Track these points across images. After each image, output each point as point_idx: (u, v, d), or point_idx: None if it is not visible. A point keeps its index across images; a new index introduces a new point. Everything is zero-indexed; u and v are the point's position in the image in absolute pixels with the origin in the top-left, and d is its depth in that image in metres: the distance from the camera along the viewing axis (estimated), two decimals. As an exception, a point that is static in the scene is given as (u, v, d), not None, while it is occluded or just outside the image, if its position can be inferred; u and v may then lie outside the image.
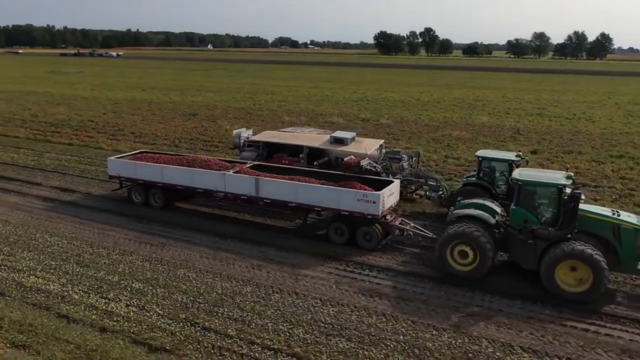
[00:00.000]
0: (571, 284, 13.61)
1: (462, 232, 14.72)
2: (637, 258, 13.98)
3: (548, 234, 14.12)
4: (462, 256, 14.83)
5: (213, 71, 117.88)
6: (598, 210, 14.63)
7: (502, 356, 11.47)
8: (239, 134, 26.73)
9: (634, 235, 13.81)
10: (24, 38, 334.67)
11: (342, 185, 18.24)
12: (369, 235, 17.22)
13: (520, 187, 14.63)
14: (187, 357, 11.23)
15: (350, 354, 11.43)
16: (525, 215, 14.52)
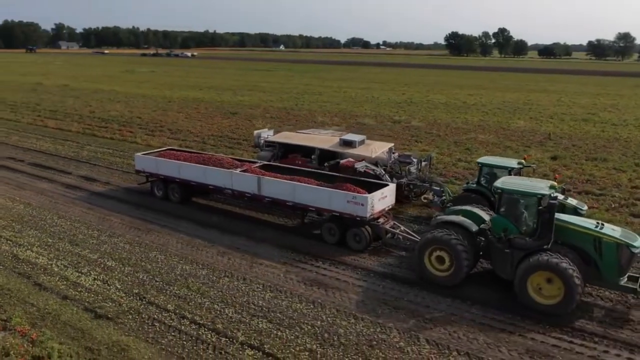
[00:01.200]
0: (543, 296, 13.40)
1: (438, 237, 14.84)
2: (619, 273, 13.53)
3: (524, 244, 13.98)
4: (439, 262, 14.92)
5: (275, 71, 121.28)
6: (580, 221, 14.25)
7: (404, 345, 12.19)
8: (259, 134, 27.68)
9: (616, 249, 13.34)
10: (111, 39, 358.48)
11: (335, 186, 18.74)
12: (358, 236, 17.63)
13: (501, 196, 14.64)
14: (124, 324, 12.86)
15: (265, 333, 12.60)
16: (505, 224, 14.38)
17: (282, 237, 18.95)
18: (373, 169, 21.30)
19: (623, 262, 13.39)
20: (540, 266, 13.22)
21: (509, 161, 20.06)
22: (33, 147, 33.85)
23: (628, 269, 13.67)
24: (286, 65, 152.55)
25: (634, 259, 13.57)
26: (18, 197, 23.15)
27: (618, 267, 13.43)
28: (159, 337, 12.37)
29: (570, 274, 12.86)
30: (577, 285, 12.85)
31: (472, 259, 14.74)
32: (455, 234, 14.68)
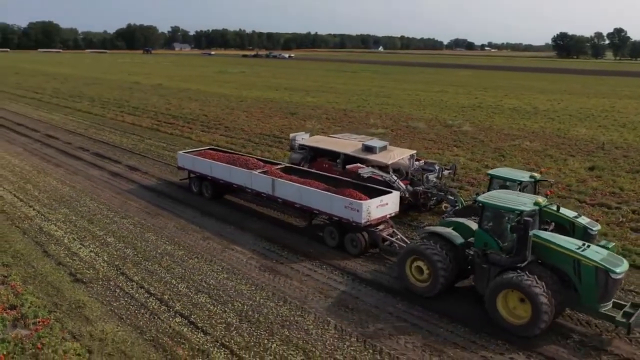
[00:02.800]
0: (513, 315, 13.13)
1: (417, 248, 14.98)
2: (599, 299, 12.75)
3: (500, 260, 13.72)
4: (419, 272, 15.02)
5: (359, 73, 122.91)
6: (562, 241, 13.51)
7: (311, 328, 13.47)
8: (294, 137, 28.09)
9: (594, 273, 12.61)
10: (219, 41, 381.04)
11: (337, 191, 19.20)
12: (354, 241, 18.04)
13: (482, 210, 14.37)
14: (92, 288, 15.41)
15: (199, 306, 14.50)
16: (486, 238, 14.13)
17: (266, 229, 20.74)
18: (382, 175, 21.31)
19: (602, 288, 12.59)
20: (508, 284, 12.91)
21: (521, 174, 18.95)
22: (103, 139, 38.60)
23: (610, 295, 12.87)
24: (375, 67, 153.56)
25: (614, 285, 12.70)
26: (69, 180, 27.11)
27: (597, 292, 12.68)
28: (114, 300, 14.73)
29: (537, 295, 12.36)
30: (544, 307, 12.34)
31: (451, 272, 14.56)
32: (433, 246, 14.63)
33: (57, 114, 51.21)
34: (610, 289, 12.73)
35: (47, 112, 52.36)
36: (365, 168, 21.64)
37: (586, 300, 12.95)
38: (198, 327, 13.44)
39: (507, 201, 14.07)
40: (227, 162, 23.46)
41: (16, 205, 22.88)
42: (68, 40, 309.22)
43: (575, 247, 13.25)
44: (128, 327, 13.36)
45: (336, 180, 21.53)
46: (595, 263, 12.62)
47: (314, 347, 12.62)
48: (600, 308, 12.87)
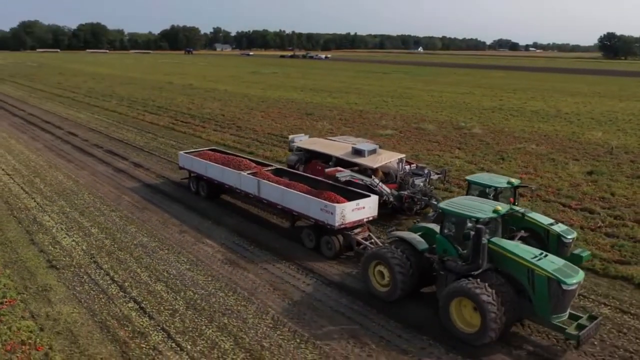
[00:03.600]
0: (465, 323, 13.06)
1: (378, 253, 15.14)
2: (551, 310, 12.60)
3: (455, 267, 13.75)
4: (381, 277, 15.12)
5: (390, 74, 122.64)
6: (518, 249, 13.33)
7: (250, 317, 14.28)
8: (293, 139, 28.62)
9: (547, 283, 12.45)
10: (260, 41, 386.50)
11: (315, 194, 19.45)
12: (329, 244, 18.21)
13: (443, 216, 14.37)
14: (63, 274, 16.71)
15: (154, 294, 15.54)
16: (446, 245, 14.12)
17: (242, 224, 21.68)
18: (362, 178, 21.43)
19: (554, 298, 12.44)
20: (458, 292, 12.89)
21: (499, 179, 18.59)
22: (119, 137, 40.57)
23: (563, 306, 12.66)
24: (409, 68, 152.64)
25: (567, 296, 12.46)
26: (74, 175, 28.88)
27: (550, 303, 12.53)
28: (78, 285, 15.97)
29: (486, 304, 12.26)
30: (492, 316, 12.22)
31: (412, 277, 14.58)
32: (394, 251, 14.70)
33: (85, 112, 53.90)
34: (563, 300, 12.52)
35: (76, 110, 55.16)
36: (345, 171, 21.75)
37: (539, 310, 12.78)
38: (146, 312, 14.47)
39: (466, 208, 13.93)
40: (222, 163, 23.97)
41: (20, 197, 24.68)
42: (115, 41, 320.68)
43: (530, 256, 13.02)
44: (83, 310, 14.53)
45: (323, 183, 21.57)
46: (548, 273, 12.41)
47: (246, 335, 13.42)
48: (552, 319, 12.69)
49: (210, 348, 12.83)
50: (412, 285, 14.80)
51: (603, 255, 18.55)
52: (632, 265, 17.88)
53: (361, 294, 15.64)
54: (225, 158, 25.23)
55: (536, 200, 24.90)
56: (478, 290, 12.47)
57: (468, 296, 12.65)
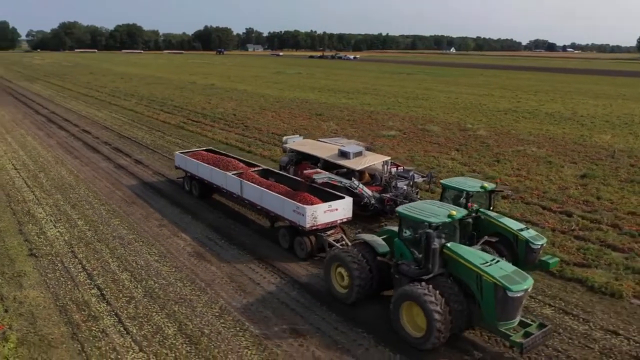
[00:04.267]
0: (414, 328, 13.10)
1: (337, 254, 15.26)
2: (497, 316, 12.55)
3: (408, 271, 13.84)
4: (341, 278, 15.24)
5: (414, 75, 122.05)
6: (471, 255, 13.29)
7: (200, 307, 15.10)
8: (287, 140, 28.77)
9: (493, 290, 12.41)
10: (291, 42, 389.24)
11: (290, 195, 19.66)
12: (301, 245, 18.46)
13: (400, 220, 14.45)
14: (40, 262, 17.90)
15: (117, 282, 16.55)
16: (402, 249, 14.23)
17: (218, 220, 22.57)
18: (340, 180, 21.27)
19: (500, 305, 12.40)
20: (405, 296, 13.01)
21: (473, 183, 18.37)
22: (129, 135, 42.19)
23: (510, 313, 12.55)
24: (435, 69, 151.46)
25: (512, 303, 12.37)
26: (77, 171, 30.40)
27: (496, 310, 12.48)
28: (51, 272, 17.13)
29: (430, 309, 12.32)
30: (436, 323, 12.29)
31: (371, 280, 14.67)
32: (353, 254, 14.86)
33: (104, 111, 56.02)
34: (509, 307, 12.43)
35: (96, 109, 57.37)
36: (323, 173, 21.70)
37: (486, 317, 12.76)
38: (105, 298, 15.48)
39: (421, 212, 13.94)
40: (212, 164, 24.46)
41: (21, 190, 26.24)
42: (149, 42, 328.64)
43: (480, 262, 12.96)
44: (49, 294, 15.64)
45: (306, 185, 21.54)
46: (494, 279, 12.37)
47: (190, 322, 14.25)
48: (499, 325, 12.62)
49: (154, 333, 13.70)
50: (371, 289, 14.81)
51: (565, 257, 18.63)
52: (591, 268, 17.93)
53: (312, 289, 16.27)
54: (216, 158, 25.66)
55: (517, 203, 24.95)
56: (425, 295, 12.50)
57: (415, 301, 12.73)
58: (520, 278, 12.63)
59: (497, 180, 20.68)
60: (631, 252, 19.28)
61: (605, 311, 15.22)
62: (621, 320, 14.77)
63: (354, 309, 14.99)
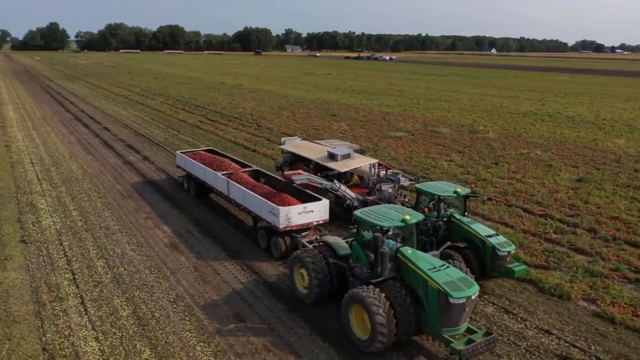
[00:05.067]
0: (363, 330, 13.17)
1: (299, 255, 15.47)
2: (441, 322, 12.57)
3: (360, 274, 14.00)
4: (302, 279, 15.47)
5: (446, 76, 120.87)
6: (420, 259, 13.36)
7: (161, 297, 16.23)
8: (284, 141, 29.40)
9: (437, 295, 12.46)
10: (329, 42, 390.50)
11: (268, 196, 20.10)
12: (276, 245, 18.82)
13: (357, 223, 14.61)
14: (28, 248, 19.45)
15: (92, 269, 17.86)
16: (358, 252, 14.37)
17: (204, 214, 23.73)
18: (320, 182, 21.50)
19: (443, 311, 12.44)
20: (352, 299, 13.17)
21: (447, 188, 18.14)
22: (145, 132, 44.14)
23: (454, 320, 12.54)
24: (469, 70, 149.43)
25: (454, 310, 12.36)
26: (87, 165, 32.30)
27: (439, 315, 12.53)
28: (34, 257, 18.63)
29: (374, 312, 12.42)
30: (379, 327, 12.41)
31: (330, 281, 14.87)
32: (313, 255, 15.12)
33: (129, 110, 58.50)
34: (453, 314, 12.42)
35: (122, 108, 59.96)
36: (303, 175, 21.66)
37: (431, 322, 12.79)
38: (75, 282, 16.81)
39: (376, 216, 14.08)
40: (207, 164, 25.05)
41: (31, 183, 28.19)
42: (191, 42, 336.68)
43: (428, 267, 13.00)
44: (27, 277, 17.11)
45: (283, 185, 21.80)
46: (438, 285, 12.44)
47: (145, 306, 15.38)
48: (443, 332, 12.63)
49: (110, 314, 14.89)
50: (330, 290, 14.97)
51: (528, 259, 18.81)
52: (548, 270, 18.08)
53: (270, 282, 17.15)
54: (212, 158, 26.24)
55: (499, 205, 25.09)
56: (369, 298, 12.62)
57: (360, 303, 12.86)
58: (465, 285, 12.60)
59: (471, 186, 20.91)
60: (597, 255, 19.26)
61: (548, 312, 15.45)
62: (560, 320, 14.98)
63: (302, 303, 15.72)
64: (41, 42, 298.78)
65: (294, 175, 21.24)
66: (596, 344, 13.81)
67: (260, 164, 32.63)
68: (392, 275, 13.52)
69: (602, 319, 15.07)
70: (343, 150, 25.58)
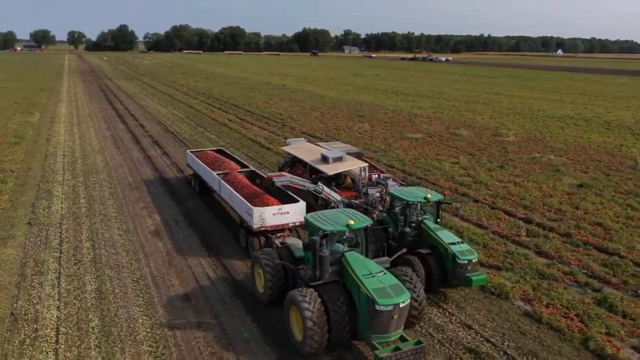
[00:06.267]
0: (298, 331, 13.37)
1: (256, 256, 15.91)
2: (370, 328, 12.72)
3: (304, 276, 14.29)
4: (260, 279, 15.86)
5: (495, 79, 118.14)
6: (358, 264, 13.53)
7: (126, 272, 18.06)
8: (289, 142, 30.19)
9: (366, 301, 12.67)
10: (387, 43, 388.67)
11: (248, 196, 20.71)
12: (252, 244, 19.27)
13: (308, 226, 14.92)
14: (31, 230, 21.89)
15: (79, 248, 19.98)
16: (307, 255, 14.60)
17: (195, 206, 25.47)
18: (303, 184, 21.67)
19: (370, 318, 12.62)
20: (290, 300, 13.43)
21: (417, 194, 17.89)
22: (174, 129, 46.85)
23: (382, 326, 12.62)
24: (523, 71, 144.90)
25: (381, 317, 12.48)
26: (110, 159, 35.10)
27: (369, 321, 12.68)
28: (33, 237, 20.97)
29: (305, 315, 12.69)
30: (311, 329, 12.65)
31: (282, 282, 15.20)
32: (270, 256, 15.51)
33: (169, 108, 61.87)
34: (380, 321, 12.54)
35: (163, 106, 63.46)
36: (285, 176, 21.94)
37: (362, 328, 12.97)
38: (59, 260, 18.94)
39: (322, 220, 14.32)
40: (209, 163, 26.11)
41: (56, 173, 31.13)
42: (251, 43, 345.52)
43: (364, 272, 13.17)
44: (21, 253, 19.43)
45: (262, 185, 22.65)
46: (367, 291, 12.63)
47: (110, 282, 17.22)
48: (372, 338, 12.75)
49: (77, 288, 16.82)
50: (284, 291, 14.97)
51: (485, 259, 19.19)
52: (499, 271, 18.41)
53: (234, 272, 18.58)
54: (217, 158, 27.32)
55: (484, 207, 25.29)
56: (303, 302, 12.86)
57: (295, 305, 13.17)
58: (395, 293, 12.64)
59: (445, 193, 21.34)
60: (557, 259, 19.35)
61: (479, 309, 15.92)
62: (487, 317, 15.45)
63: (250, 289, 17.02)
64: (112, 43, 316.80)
65: (275, 177, 21.61)
66: (511, 341, 14.24)
67: (269, 161, 34.36)
68: (334, 279, 13.78)
69: (530, 318, 15.39)
70: (335, 153, 25.74)
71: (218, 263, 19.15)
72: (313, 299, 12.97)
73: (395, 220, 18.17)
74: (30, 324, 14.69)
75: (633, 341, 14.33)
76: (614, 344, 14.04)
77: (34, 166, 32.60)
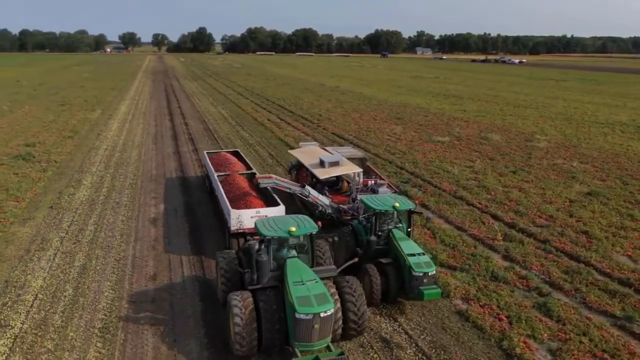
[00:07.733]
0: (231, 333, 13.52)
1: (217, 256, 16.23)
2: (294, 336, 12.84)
3: (247, 280, 14.65)
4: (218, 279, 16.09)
5: (566, 82, 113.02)
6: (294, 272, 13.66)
7: (112, 256, 20.37)
8: (302, 146, 30.69)
9: (291, 309, 12.79)
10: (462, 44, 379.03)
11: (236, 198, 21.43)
12: (232, 244, 19.60)
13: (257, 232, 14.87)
14: (50, 212, 24.87)
15: (83, 230, 22.63)
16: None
17: (197, 200, 27.58)
18: (289, 187, 22.04)
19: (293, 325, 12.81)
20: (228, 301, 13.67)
21: (385, 203, 17.56)
22: (213, 128, 49.61)
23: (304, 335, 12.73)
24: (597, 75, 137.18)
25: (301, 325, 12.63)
26: (144, 153, 38.28)
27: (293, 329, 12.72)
28: (50, 219, 23.89)
29: (234, 320, 13.00)
30: (237, 333, 12.93)
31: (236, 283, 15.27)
32: (225, 258, 15.78)
33: (218, 107, 65.22)
34: (301, 329, 12.64)
35: (214, 106, 66.92)
36: (271, 178, 22.11)
37: (289, 334, 13.11)
38: (62, 240, 21.56)
39: (267, 225, 14.48)
40: (217, 164, 27.18)
41: (92, 164, 34.51)
42: (322, 45, 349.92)
43: (295, 279, 13.29)
44: (34, 231, 22.30)
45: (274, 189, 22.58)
46: (291, 299, 12.81)
47: (95, 260, 19.57)
48: (295, 345, 12.85)
49: (66, 263, 19.32)
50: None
51: (445, 260, 19.68)
52: (454, 271, 18.88)
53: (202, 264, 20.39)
54: (227, 160, 28.17)
55: (472, 211, 25.49)
56: (235, 306, 13.13)
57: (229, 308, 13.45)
58: (317, 302, 12.68)
59: (416, 201, 21.76)
60: (520, 264, 19.51)
61: (415, 304, 16.58)
62: (417, 312, 16.14)
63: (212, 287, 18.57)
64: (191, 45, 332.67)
65: (260, 178, 22.14)
66: (429, 335, 14.92)
67: (289, 160, 35.84)
68: (275, 285, 13.92)
69: (459, 316, 15.92)
70: (333, 157, 25.59)
71: (195, 251, 20.87)
72: (246, 303, 13.16)
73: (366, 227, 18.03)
74: (16, 290, 17.23)
75: (553, 344, 14.55)
76: (529, 345, 14.35)
77: (76, 158, 36.30)
